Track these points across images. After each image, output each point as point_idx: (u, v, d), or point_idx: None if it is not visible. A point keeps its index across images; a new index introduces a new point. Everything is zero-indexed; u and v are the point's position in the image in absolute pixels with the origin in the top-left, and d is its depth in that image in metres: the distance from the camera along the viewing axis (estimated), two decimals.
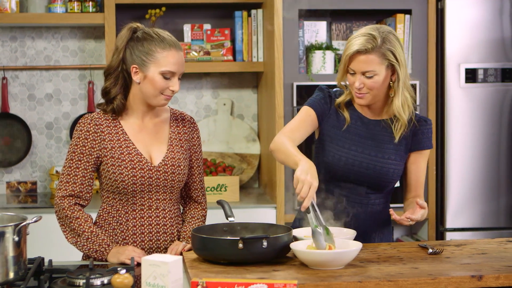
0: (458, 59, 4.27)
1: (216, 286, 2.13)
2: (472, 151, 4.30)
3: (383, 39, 2.75)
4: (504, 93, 4.30)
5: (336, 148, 2.88)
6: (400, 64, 2.78)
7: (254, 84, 4.88)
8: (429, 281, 2.31)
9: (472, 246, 2.78)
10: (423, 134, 2.90)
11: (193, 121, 2.94)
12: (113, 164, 2.76)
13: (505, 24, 4.28)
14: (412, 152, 2.91)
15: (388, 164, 2.86)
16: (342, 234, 2.72)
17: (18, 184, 4.73)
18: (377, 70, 2.75)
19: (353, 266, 2.47)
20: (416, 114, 2.92)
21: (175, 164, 2.82)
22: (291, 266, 2.49)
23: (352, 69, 2.78)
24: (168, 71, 2.71)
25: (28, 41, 4.73)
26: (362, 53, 2.74)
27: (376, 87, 2.78)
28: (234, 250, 2.47)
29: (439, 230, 4.36)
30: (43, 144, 4.77)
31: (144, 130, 2.83)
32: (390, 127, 2.88)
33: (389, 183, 2.90)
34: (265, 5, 4.50)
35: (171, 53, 2.71)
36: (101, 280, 2.33)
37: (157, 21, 4.61)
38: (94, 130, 2.77)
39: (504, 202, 4.34)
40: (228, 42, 4.61)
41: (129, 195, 2.78)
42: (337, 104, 2.92)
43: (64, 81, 4.77)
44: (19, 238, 2.26)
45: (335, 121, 2.91)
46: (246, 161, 4.78)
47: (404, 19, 4.31)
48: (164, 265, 2.13)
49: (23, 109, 4.75)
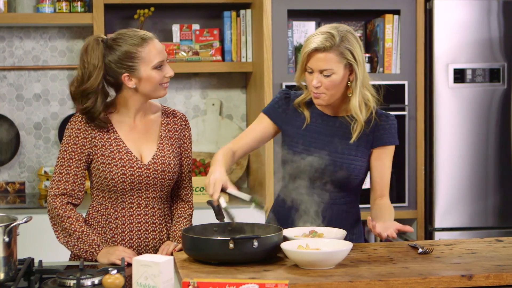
0: (446, 59, 4.29)
1: (207, 286, 2.13)
2: (460, 151, 4.32)
3: (342, 38, 2.74)
4: (492, 93, 4.32)
5: (297, 147, 2.88)
6: (358, 63, 2.77)
7: (242, 84, 4.88)
8: (419, 280, 2.31)
9: (462, 245, 2.79)
10: (385, 129, 2.88)
11: (185, 119, 2.94)
12: (103, 163, 2.76)
13: (493, 24, 4.30)
14: (375, 148, 2.89)
15: (349, 160, 2.85)
16: (332, 234, 2.72)
17: (6, 184, 4.71)
18: (334, 69, 2.74)
19: (343, 266, 2.47)
20: (378, 110, 2.90)
21: (165, 162, 2.82)
22: (281, 266, 2.50)
23: (310, 68, 2.77)
24: (158, 62, 2.73)
25: (16, 41, 4.72)
26: (320, 51, 2.73)
27: (333, 86, 2.77)
28: (225, 250, 2.47)
29: (427, 229, 4.38)
30: (31, 145, 4.76)
31: (135, 129, 2.83)
32: (348, 124, 2.87)
33: (353, 180, 2.87)
34: (254, 6, 4.50)
35: (151, 46, 2.73)
36: (91, 280, 2.33)
37: (145, 21, 4.61)
38: (85, 128, 2.77)
39: (492, 202, 4.36)
40: (217, 42, 4.61)
41: (118, 193, 2.78)
42: (297, 103, 2.91)
43: (52, 81, 4.75)
44: (10, 238, 2.25)
45: (294, 120, 2.91)
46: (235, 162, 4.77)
47: (392, 19, 4.32)
48: (155, 265, 2.13)
49: (11, 109, 4.74)
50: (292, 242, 2.56)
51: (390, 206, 2.88)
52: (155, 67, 2.72)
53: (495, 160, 4.35)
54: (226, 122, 4.83)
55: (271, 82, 4.22)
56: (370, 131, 2.86)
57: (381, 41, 4.35)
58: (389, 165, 2.92)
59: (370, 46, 4.51)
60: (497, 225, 4.38)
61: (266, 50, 4.21)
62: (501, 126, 4.33)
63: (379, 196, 2.91)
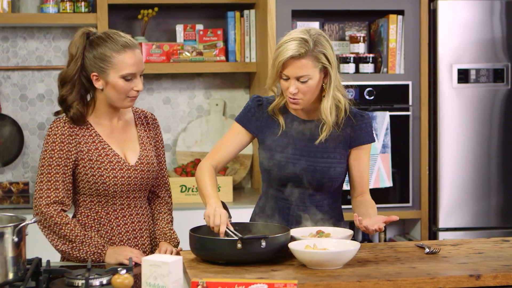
0: (450, 59, 4.29)
1: (217, 286, 2.13)
2: (464, 151, 4.32)
3: (315, 42, 2.72)
4: (496, 93, 4.33)
5: (274, 154, 2.86)
6: (332, 65, 2.75)
7: (246, 85, 4.89)
8: (427, 280, 2.32)
9: (468, 245, 2.80)
10: (361, 129, 2.87)
11: (154, 118, 2.96)
12: (92, 167, 2.74)
13: (497, 25, 4.30)
14: (353, 148, 2.88)
15: (327, 163, 2.84)
16: (339, 234, 2.72)
17: (10, 184, 4.71)
18: (311, 74, 2.72)
19: (351, 265, 2.48)
20: (353, 109, 2.89)
21: (150, 162, 2.84)
22: (289, 266, 2.50)
23: (286, 75, 2.74)
24: (128, 73, 2.70)
25: (20, 41, 4.72)
26: (295, 58, 2.70)
27: (310, 91, 2.75)
28: (233, 250, 2.48)
29: (432, 230, 4.38)
30: (35, 145, 4.76)
31: (115, 131, 2.82)
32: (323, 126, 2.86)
33: (332, 182, 2.86)
34: (257, 6, 4.50)
35: (127, 55, 2.69)
36: (100, 280, 2.34)
37: (149, 21, 4.61)
38: (69, 133, 2.74)
39: (496, 202, 4.36)
40: (220, 42, 4.61)
41: (109, 196, 2.77)
42: (271, 110, 2.90)
43: (56, 82, 4.74)
44: (19, 238, 2.25)
45: (269, 127, 2.89)
46: (238, 162, 4.78)
47: (396, 19, 4.33)
48: (165, 265, 2.13)
49: (15, 110, 4.74)
50: (299, 242, 2.56)
51: (372, 201, 2.87)
52: (123, 76, 2.69)
53: (499, 160, 4.35)
54: (229, 122, 4.83)
55: None
56: (347, 132, 2.86)
57: (385, 41, 4.35)
58: (367, 163, 2.92)
59: (374, 46, 4.52)
60: (501, 225, 4.39)
61: (270, 50, 4.21)
62: (505, 126, 4.34)
63: (360, 194, 2.91)
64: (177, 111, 4.83)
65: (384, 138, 4.26)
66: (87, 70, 2.73)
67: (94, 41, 2.72)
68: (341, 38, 4.55)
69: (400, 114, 4.33)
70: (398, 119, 4.32)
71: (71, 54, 2.73)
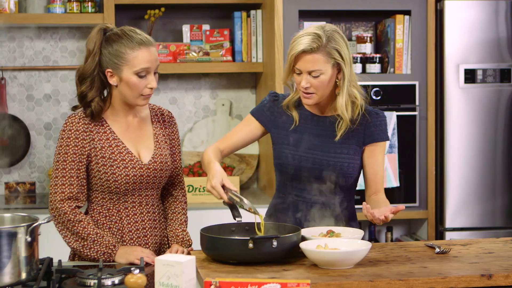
0: (457, 59, 4.30)
1: (229, 286, 2.14)
2: (471, 151, 4.32)
3: (328, 37, 2.75)
4: (503, 93, 4.33)
5: (287, 149, 2.89)
6: (345, 62, 2.78)
7: (252, 85, 4.89)
8: (439, 280, 2.32)
9: (478, 245, 2.80)
10: (376, 126, 2.89)
11: (171, 115, 2.97)
12: (105, 164, 2.75)
13: (503, 25, 4.31)
14: (367, 146, 2.89)
15: (341, 159, 2.85)
16: (349, 234, 2.72)
17: (17, 184, 4.71)
18: (323, 69, 2.75)
19: (362, 265, 2.48)
20: (368, 107, 2.91)
21: (163, 160, 2.84)
22: (300, 265, 2.51)
23: (298, 69, 2.78)
24: (141, 70, 2.71)
25: (26, 41, 4.72)
26: (307, 52, 2.74)
27: (322, 87, 2.78)
28: (244, 250, 2.48)
29: (438, 229, 4.39)
30: (41, 145, 4.76)
31: (130, 128, 2.83)
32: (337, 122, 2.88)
33: (346, 179, 2.88)
34: (264, 6, 4.50)
35: (141, 52, 2.70)
36: (112, 280, 2.34)
37: (156, 21, 4.62)
38: (84, 129, 2.75)
39: (503, 202, 4.36)
40: (227, 42, 4.62)
41: (120, 193, 2.78)
42: (285, 105, 2.92)
43: (62, 82, 4.76)
44: (32, 238, 2.25)
45: (283, 122, 2.92)
46: (245, 162, 4.79)
47: (403, 20, 4.33)
48: (178, 265, 2.13)
49: (22, 110, 4.74)
50: (310, 241, 2.56)
51: (386, 200, 2.87)
52: (136, 72, 2.70)
53: (506, 160, 4.35)
54: (236, 123, 4.83)
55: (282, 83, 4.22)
56: (361, 129, 2.87)
57: (392, 41, 4.35)
58: (382, 161, 2.93)
59: (381, 46, 4.52)
60: (507, 225, 4.39)
61: (277, 50, 4.22)
62: (511, 126, 4.34)
63: (374, 193, 2.91)
64: (184, 111, 4.83)
65: (391, 138, 4.26)
66: (103, 66, 2.75)
67: (110, 37, 2.74)
68: (347, 38, 4.54)
69: (407, 114, 4.34)
70: (405, 119, 4.32)
71: (89, 49, 2.75)
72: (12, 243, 2.22)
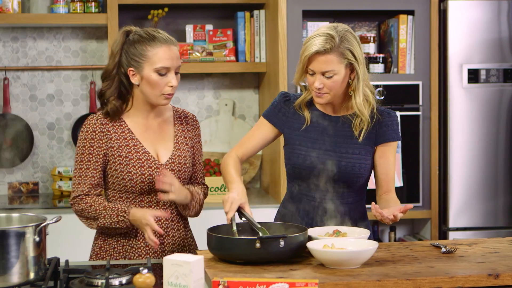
0: (460, 59, 4.30)
1: (238, 285, 2.14)
2: (474, 151, 4.33)
3: (341, 38, 2.75)
4: (506, 93, 4.34)
5: (298, 149, 2.89)
6: (358, 62, 2.78)
7: (255, 85, 4.89)
8: (446, 279, 2.32)
9: (484, 245, 2.80)
10: (387, 126, 2.89)
11: (195, 119, 2.98)
12: (121, 163, 2.78)
13: (506, 25, 4.31)
14: (378, 146, 2.90)
15: (353, 159, 2.86)
16: (356, 233, 2.73)
17: (20, 184, 4.72)
18: (336, 70, 2.76)
19: (369, 265, 2.48)
20: (379, 107, 2.92)
21: (182, 162, 2.85)
22: (307, 265, 2.51)
23: (312, 70, 2.78)
24: (161, 67, 2.74)
25: (29, 41, 4.73)
26: (321, 53, 2.74)
27: (336, 87, 2.79)
28: (251, 249, 2.48)
29: (441, 229, 4.39)
30: (44, 145, 4.77)
31: (150, 129, 2.85)
32: (350, 122, 2.88)
33: (357, 179, 2.88)
34: (267, 6, 4.51)
35: (162, 49, 2.74)
36: (119, 280, 2.34)
37: (159, 21, 4.62)
38: (101, 130, 2.80)
39: (507, 201, 4.37)
40: (230, 42, 4.62)
41: (136, 193, 2.80)
42: (297, 105, 2.93)
43: (65, 82, 4.76)
44: (40, 238, 2.26)
45: (295, 122, 2.92)
46: (248, 161, 4.79)
47: (406, 20, 4.33)
48: (187, 264, 2.14)
49: (25, 110, 4.74)
50: (317, 241, 2.57)
51: (397, 200, 2.87)
52: (157, 70, 2.73)
53: (509, 160, 4.36)
54: (239, 123, 4.84)
55: (286, 82, 4.23)
56: (373, 129, 2.88)
57: (395, 41, 4.36)
58: (393, 161, 2.92)
59: (384, 46, 4.52)
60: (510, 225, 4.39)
61: (281, 50, 4.22)
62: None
63: (385, 192, 2.92)
64: None
65: None
66: (125, 66, 2.79)
67: (133, 38, 2.79)
68: None
69: (410, 114, 4.34)
70: (408, 119, 4.33)
71: (111, 50, 2.82)
72: (21, 243, 2.22)
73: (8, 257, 2.20)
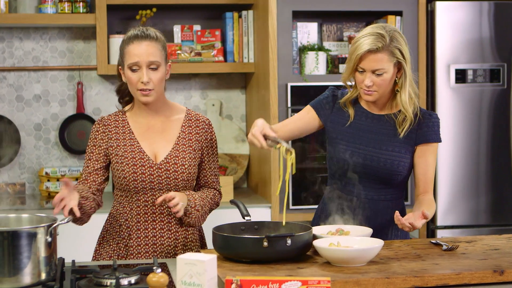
0: (448, 60, 4.36)
1: (250, 283, 2.15)
2: (461, 150, 4.39)
3: (391, 37, 2.84)
4: (493, 93, 4.40)
5: (341, 144, 2.96)
6: (406, 61, 2.88)
7: (242, 85, 4.91)
8: (453, 276, 2.36)
9: (483, 242, 2.85)
10: (428, 127, 2.95)
11: (208, 123, 2.97)
12: (117, 162, 2.83)
13: (492, 26, 4.37)
14: (418, 146, 2.95)
15: (392, 156, 2.91)
16: (359, 232, 2.76)
17: (7, 186, 4.69)
18: (386, 68, 2.84)
19: (375, 263, 2.51)
20: (421, 108, 2.99)
21: (178, 162, 2.85)
22: (313, 263, 2.53)
23: (362, 68, 2.86)
24: (132, 63, 2.77)
25: (16, 41, 4.70)
26: (372, 52, 2.82)
27: (384, 85, 2.87)
28: (259, 248, 2.50)
29: (429, 228, 4.44)
30: (31, 146, 4.74)
31: (151, 129, 2.87)
32: (393, 121, 2.95)
33: (396, 176, 2.94)
34: (256, 6, 4.52)
35: (133, 45, 2.78)
36: (128, 280, 2.35)
37: (147, 22, 4.61)
38: (102, 130, 2.87)
39: (493, 200, 4.43)
40: (218, 43, 4.63)
41: (132, 191, 2.83)
42: (342, 102, 3.00)
43: (52, 82, 4.74)
44: (52, 238, 2.26)
45: (339, 118, 2.99)
46: (235, 161, 4.80)
47: (395, 20, 4.38)
48: (201, 263, 2.15)
49: (11, 110, 4.71)
50: (323, 239, 2.59)
51: (431, 200, 2.92)
52: (129, 66, 2.78)
53: (495, 159, 4.42)
54: (226, 123, 4.85)
55: (277, 83, 4.25)
56: (414, 129, 2.94)
57: None
58: (432, 162, 2.98)
59: None
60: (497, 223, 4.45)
61: (271, 50, 4.24)
62: (501, 124, 4.41)
63: (422, 193, 2.96)
64: None
65: None
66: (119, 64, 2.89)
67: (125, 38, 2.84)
68: (339, 38, 4.59)
69: None
70: None
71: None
72: (33, 244, 2.22)
73: (21, 258, 2.20)
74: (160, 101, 2.86)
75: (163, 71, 2.81)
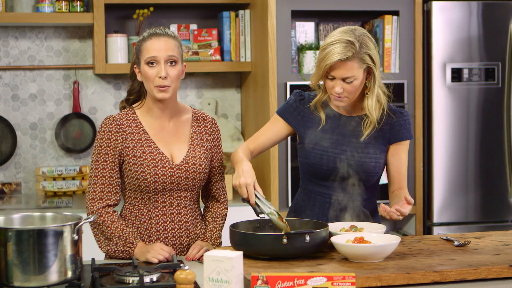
0: (444, 59, 4.41)
1: (276, 280, 2.18)
2: (457, 148, 4.45)
3: (361, 44, 2.80)
4: (488, 91, 4.46)
5: (314, 148, 2.95)
6: (376, 65, 2.86)
7: (237, 84, 4.93)
8: (471, 271, 2.41)
9: (492, 238, 2.90)
10: (401, 126, 2.97)
11: (214, 122, 2.99)
12: (135, 163, 2.79)
13: (487, 25, 4.44)
14: (392, 144, 2.97)
15: (367, 158, 2.93)
16: (372, 228, 2.79)
17: (3, 185, 4.67)
18: (356, 75, 2.81)
19: (391, 259, 2.55)
20: (392, 107, 2.99)
21: (196, 163, 2.86)
22: (331, 260, 2.57)
23: (332, 75, 2.83)
24: (149, 57, 2.78)
25: (11, 40, 4.68)
26: (343, 61, 2.79)
27: (354, 91, 2.85)
28: (278, 245, 2.53)
29: (426, 224, 4.49)
30: (27, 145, 4.72)
31: (165, 130, 2.87)
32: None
33: (371, 177, 2.96)
34: (253, 6, 4.55)
35: (151, 41, 2.79)
36: (150, 277, 2.36)
37: (144, 21, 4.62)
38: (116, 130, 2.82)
39: (489, 197, 4.49)
40: (215, 42, 4.65)
41: (151, 193, 2.82)
42: (313, 105, 2.98)
43: (48, 81, 4.73)
44: (78, 236, 2.26)
45: (310, 122, 2.98)
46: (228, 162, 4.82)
47: (391, 20, 4.42)
48: (228, 260, 2.17)
49: (7, 110, 4.70)
50: (340, 236, 2.63)
51: (407, 193, 2.93)
52: (146, 62, 2.78)
53: (490, 157, 4.48)
54: (222, 122, 4.87)
55: (276, 82, 4.28)
56: (387, 128, 2.95)
57: (381, 41, 4.45)
58: (405, 158, 3.00)
59: None
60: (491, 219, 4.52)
61: (271, 50, 4.27)
62: (496, 123, 4.48)
63: (397, 189, 3.00)
64: None
65: None
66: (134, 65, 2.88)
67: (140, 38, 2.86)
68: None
69: None
70: None
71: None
72: (59, 242, 2.22)
73: (48, 256, 2.20)
74: (173, 100, 2.87)
75: (180, 69, 2.82)
